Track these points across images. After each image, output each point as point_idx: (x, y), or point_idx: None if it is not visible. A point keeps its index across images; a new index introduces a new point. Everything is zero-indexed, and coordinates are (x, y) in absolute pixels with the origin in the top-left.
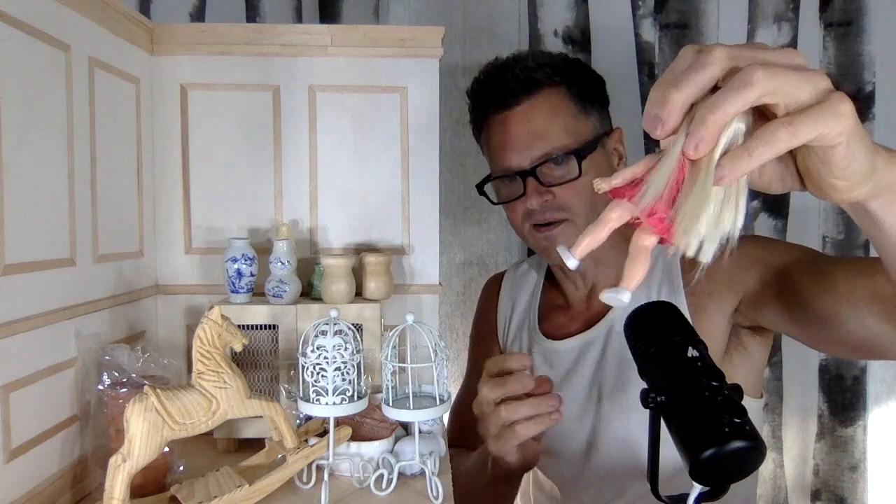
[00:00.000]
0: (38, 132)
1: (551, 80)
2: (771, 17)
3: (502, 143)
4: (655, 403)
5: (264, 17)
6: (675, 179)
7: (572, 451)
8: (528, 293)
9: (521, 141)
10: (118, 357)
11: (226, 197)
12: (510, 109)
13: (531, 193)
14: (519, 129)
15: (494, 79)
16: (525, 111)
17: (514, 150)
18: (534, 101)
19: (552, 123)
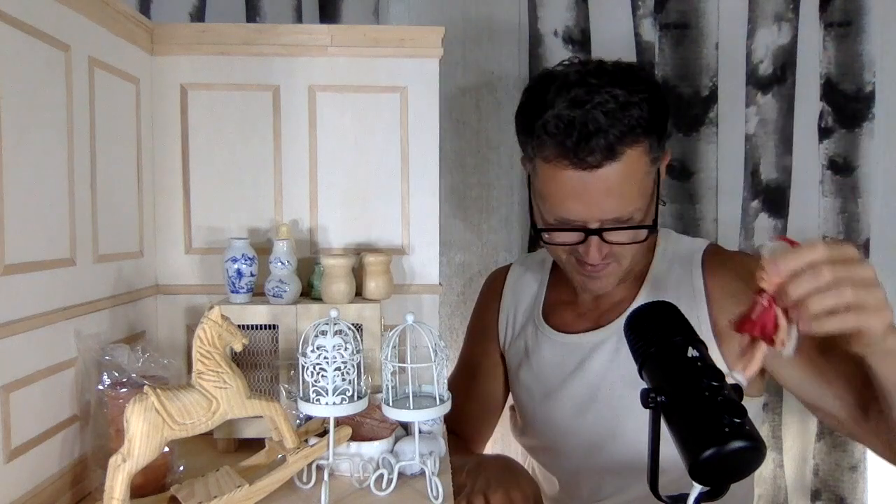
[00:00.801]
0: (38, 132)
1: (637, 140)
2: (771, 17)
3: (570, 193)
4: (655, 403)
5: (264, 17)
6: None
7: (574, 446)
8: (535, 288)
9: (591, 199)
10: (118, 357)
11: (226, 197)
12: (588, 172)
13: (592, 249)
14: (593, 187)
15: (580, 134)
16: (604, 174)
17: (583, 205)
18: (615, 164)
19: (628, 186)
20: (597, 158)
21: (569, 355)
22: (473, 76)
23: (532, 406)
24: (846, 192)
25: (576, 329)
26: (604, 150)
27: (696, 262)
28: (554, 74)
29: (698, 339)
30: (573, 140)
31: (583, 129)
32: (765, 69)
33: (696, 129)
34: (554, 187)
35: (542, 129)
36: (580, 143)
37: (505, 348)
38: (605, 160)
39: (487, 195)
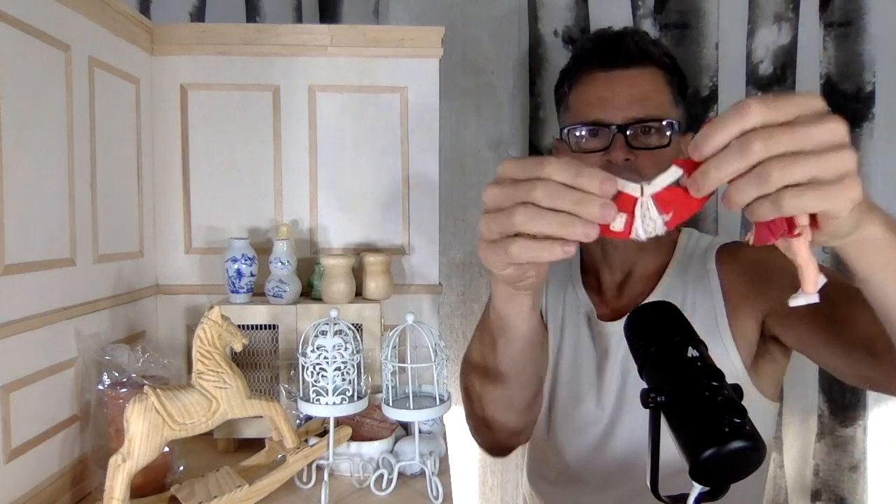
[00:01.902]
0: (38, 132)
1: (661, 60)
2: (771, 17)
3: (600, 98)
4: (655, 403)
5: (264, 17)
6: None
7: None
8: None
9: (621, 98)
10: (118, 357)
11: (226, 197)
12: (619, 70)
13: (617, 148)
14: (622, 88)
15: (613, 40)
16: (633, 76)
17: (612, 106)
18: (642, 72)
19: (653, 95)
20: (627, 57)
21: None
22: (473, 76)
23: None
24: None
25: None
26: (631, 48)
27: (710, 256)
28: None
29: (698, 339)
30: (606, 45)
31: (612, 36)
32: (765, 69)
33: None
34: (585, 96)
35: (580, 53)
36: (609, 44)
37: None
38: (633, 62)
39: None
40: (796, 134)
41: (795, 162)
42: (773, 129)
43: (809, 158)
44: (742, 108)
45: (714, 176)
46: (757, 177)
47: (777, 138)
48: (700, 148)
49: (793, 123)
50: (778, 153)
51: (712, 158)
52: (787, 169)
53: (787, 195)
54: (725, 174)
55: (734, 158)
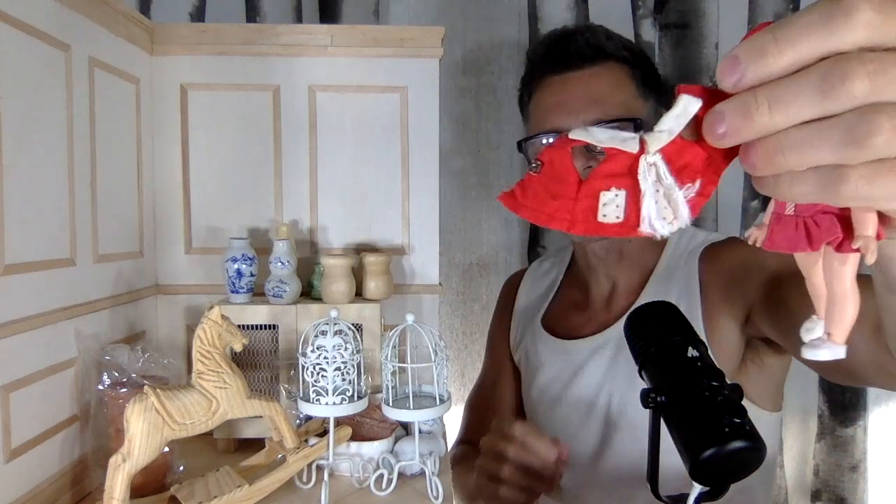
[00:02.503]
0: (38, 132)
1: (619, 53)
2: (771, 17)
3: (556, 103)
4: (655, 403)
5: (264, 17)
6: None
7: (580, 454)
8: (544, 290)
9: (577, 102)
10: (118, 357)
11: (226, 197)
12: (573, 71)
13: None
14: (577, 91)
15: (562, 40)
16: (587, 76)
17: (567, 112)
18: (598, 70)
19: (612, 94)
20: (579, 57)
21: (570, 360)
22: (473, 76)
23: (537, 410)
24: None
25: (584, 333)
26: (582, 47)
27: (696, 255)
28: None
29: (698, 339)
30: (557, 45)
31: (562, 36)
32: None
33: None
34: (542, 104)
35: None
36: (563, 45)
37: (514, 352)
38: (588, 61)
39: (487, 195)
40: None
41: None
42: (886, 56)
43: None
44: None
45: (763, 121)
46: (846, 135)
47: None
48: (744, 72)
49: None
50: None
51: (764, 88)
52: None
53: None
54: (785, 119)
55: (811, 96)
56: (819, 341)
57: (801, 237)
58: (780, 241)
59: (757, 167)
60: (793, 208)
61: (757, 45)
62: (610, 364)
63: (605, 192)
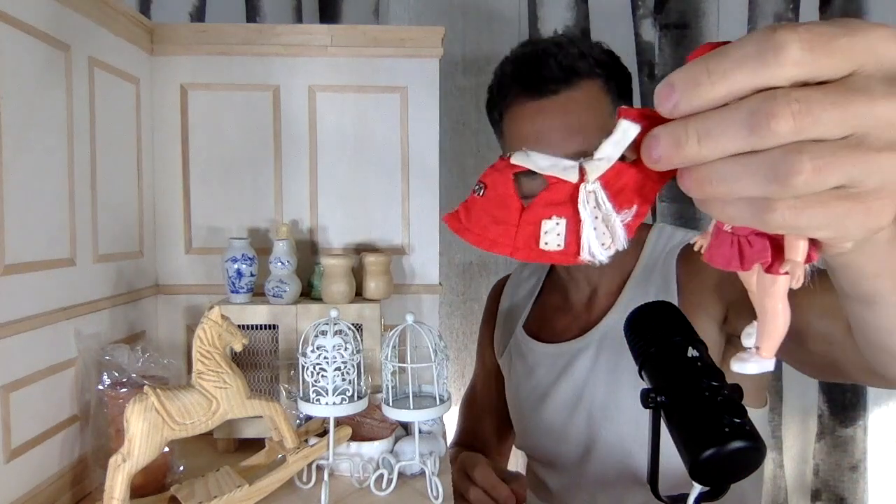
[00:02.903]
0: (38, 132)
1: (593, 71)
2: (771, 17)
3: (533, 134)
4: (655, 403)
5: (264, 17)
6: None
7: (567, 456)
8: (524, 294)
9: (555, 134)
10: (118, 357)
11: (226, 197)
12: (547, 98)
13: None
14: (554, 120)
15: (533, 62)
16: (563, 102)
17: (547, 143)
18: (573, 93)
19: (590, 119)
20: (553, 81)
21: (552, 364)
22: (473, 76)
23: (523, 415)
24: None
25: (566, 336)
26: (557, 70)
27: (674, 255)
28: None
29: (698, 339)
30: (530, 67)
31: (535, 56)
32: None
33: None
34: (516, 129)
35: (504, 76)
36: (534, 68)
37: (499, 358)
38: (562, 84)
39: None
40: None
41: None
42: (812, 95)
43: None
44: (771, 45)
45: (692, 151)
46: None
47: (819, 116)
48: (678, 101)
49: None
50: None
51: (695, 119)
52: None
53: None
54: (712, 152)
55: (737, 131)
56: (747, 355)
57: (735, 255)
58: (716, 257)
59: (690, 191)
60: (730, 226)
61: (691, 75)
62: (592, 364)
63: (546, 220)
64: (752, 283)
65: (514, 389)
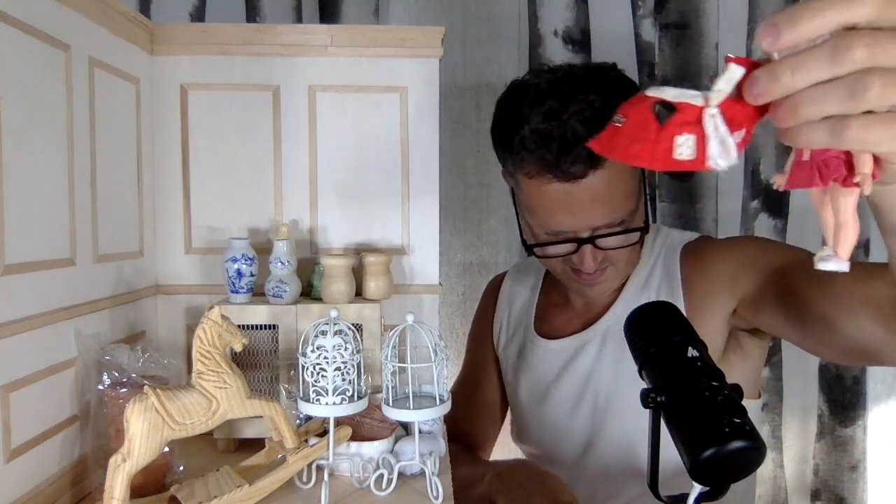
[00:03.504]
0: (38, 132)
1: None
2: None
3: (557, 206)
4: (655, 403)
5: (264, 17)
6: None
7: (567, 451)
8: (527, 293)
9: (579, 209)
10: (118, 357)
11: (226, 197)
12: (573, 183)
13: (587, 258)
14: (579, 197)
15: (559, 147)
16: (590, 184)
17: (572, 216)
18: (599, 171)
19: (615, 191)
20: (580, 169)
21: (556, 359)
22: (473, 76)
23: (524, 411)
24: None
25: (567, 332)
26: (586, 160)
27: (675, 255)
28: (525, 86)
29: (698, 338)
30: (553, 154)
31: (562, 142)
32: None
33: None
34: (540, 201)
35: (521, 146)
36: (561, 157)
37: (499, 354)
38: (589, 169)
39: (487, 195)
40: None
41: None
42: (881, 34)
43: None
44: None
45: (787, 81)
46: (847, 91)
47: (886, 47)
48: (779, 35)
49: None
50: (883, 66)
51: (790, 57)
52: (890, 87)
53: (859, 124)
54: (803, 80)
55: (822, 62)
56: (828, 256)
57: (815, 176)
58: (799, 181)
59: (782, 119)
60: (808, 155)
61: (792, 15)
62: (597, 358)
63: (678, 136)
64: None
65: (516, 386)
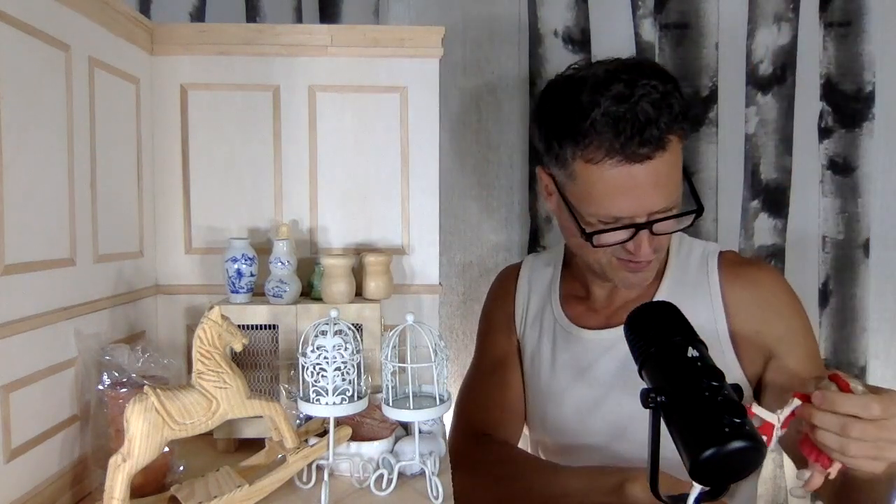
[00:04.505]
0: (38, 132)
1: (681, 128)
2: (771, 17)
3: (618, 190)
4: (655, 403)
5: (264, 17)
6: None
7: (590, 445)
8: (547, 281)
9: (641, 192)
10: (118, 357)
11: (226, 197)
12: (639, 164)
13: (644, 244)
14: (644, 180)
15: (632, 127)
16: (655, 166)
17: (633, 200)
18: (663, 155)
19: (674, 174)
20: (649, 150)
21: (582, 352)
22: (473, 76)
23: (541, 400)
24: (846, 192)
25: (588, 324)
26: (656, 140)
27: (712, 266)
28: (580, 77)
29: (698, 339)
30: (627, 135)
31: (635, 123)
32: (765, 69)
33: (696, 129)
34: (601, 187)
35: (592, 130)
36: (633, 137)
37: (520, 338)
38: (656, 150)
39: (487, 195)
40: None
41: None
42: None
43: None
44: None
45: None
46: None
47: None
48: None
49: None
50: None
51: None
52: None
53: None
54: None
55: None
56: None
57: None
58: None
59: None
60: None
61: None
62: (622, 364)
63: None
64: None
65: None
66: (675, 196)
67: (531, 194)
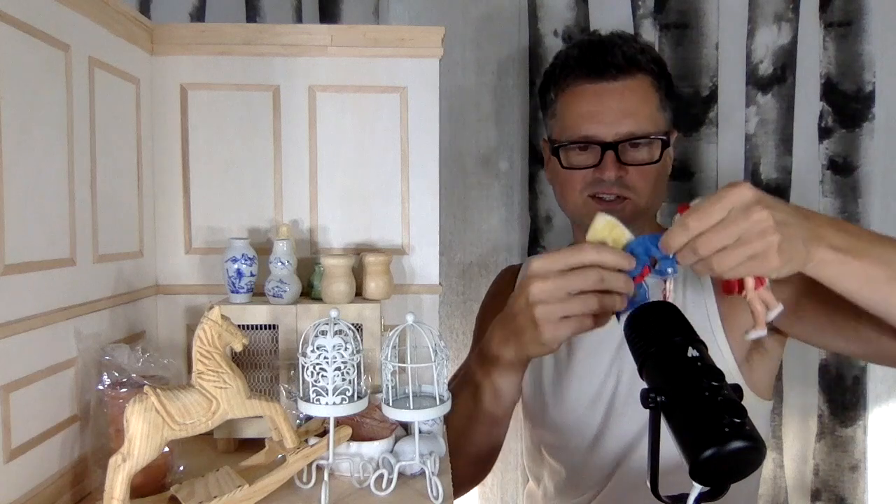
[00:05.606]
0: (38, 132)
1: (649, 67)
2: (771, 17)
3: (589, 113)
4: (655, 403)
5: (264, 17)
6: None
7: (582, 436)
8: None
9: (610, 114)
10: (118, 357)
11: (226, 197)
12: (608, 82)
13: (609, 165)
14: (611, 102)
15: (600, 49)
16: (621, 88)
17: (601, 122)
18: (630, 83)
19: (642, 108)
20: (615, 67)
21: (579, 346)
22: (473, 76)
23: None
24: (846, 192)
25: None
26: (619, 59)
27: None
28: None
29: (698, 339)
30: (594, 52)
31: (600, 45)
32: (765, 69)
33: (696, 129)
34: (574, 109)
35: (567, 62)
36: (598, 55)
37: None
38: (621, 73)
39: (487, 195)
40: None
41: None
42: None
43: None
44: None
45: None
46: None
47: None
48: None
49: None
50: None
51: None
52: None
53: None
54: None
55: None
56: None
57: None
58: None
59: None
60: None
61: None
62: (616, 353)
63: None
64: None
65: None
66: (644, 127)
67: (531, 194)
